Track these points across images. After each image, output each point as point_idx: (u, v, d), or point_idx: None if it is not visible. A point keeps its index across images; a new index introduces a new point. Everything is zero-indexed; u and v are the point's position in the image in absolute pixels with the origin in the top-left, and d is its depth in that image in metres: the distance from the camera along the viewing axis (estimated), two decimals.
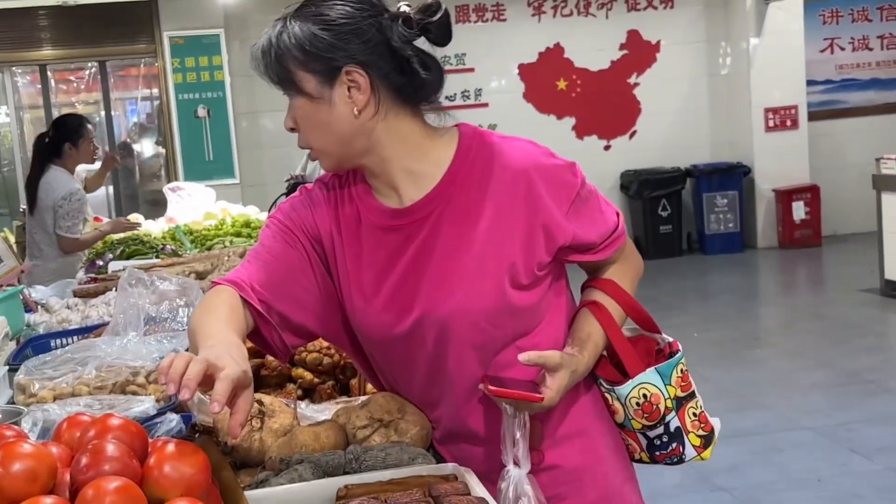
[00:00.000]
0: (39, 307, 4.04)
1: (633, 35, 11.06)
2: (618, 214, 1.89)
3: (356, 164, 1.81)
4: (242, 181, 9.62)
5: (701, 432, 1.85)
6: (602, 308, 1.86)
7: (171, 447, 1.32)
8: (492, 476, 1.65)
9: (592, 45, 11.10)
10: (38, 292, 4.35)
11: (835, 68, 11.65)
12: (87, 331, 3.17)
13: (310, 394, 2.31)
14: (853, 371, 6.81)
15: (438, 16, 1.62)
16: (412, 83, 1.70)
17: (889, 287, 8.50)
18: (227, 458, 1.68)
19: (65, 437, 1.43)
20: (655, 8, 11.06)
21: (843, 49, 11.59)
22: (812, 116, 11.32)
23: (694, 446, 1.84)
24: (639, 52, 11.22)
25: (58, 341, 3.06)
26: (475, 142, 1.81)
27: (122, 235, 5.99)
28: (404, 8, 1.70)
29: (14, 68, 9.64)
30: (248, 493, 1.56)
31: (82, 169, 6.75)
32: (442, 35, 1.68)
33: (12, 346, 3.21)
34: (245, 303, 1.74)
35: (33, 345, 3.10)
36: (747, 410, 5.53)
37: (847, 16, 11.43)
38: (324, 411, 2.14)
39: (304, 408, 2.18)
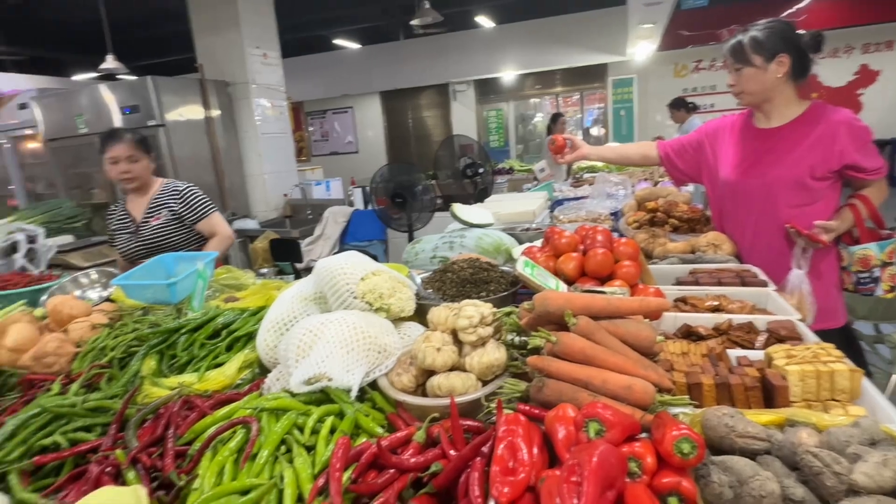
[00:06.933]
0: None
1: (863, 66, 10.25)
2: (884, 163, 1.69)
3: (759, 104, 1.76)
4: (639, 138, 10.51)
5: (891, 283, 1.69)
6: (855, 208, 1.71)
7: (623, 240, 1.48)
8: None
9: (836, 73, 10.27)
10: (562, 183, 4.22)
11: None
12: (578, 199, 3.12)
13: (678, 229, 2.15)
14: None
15: (822, 40, 1.64)
16: (803, 68, 1.68)
17: None
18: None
19: (579, 232, 1.56)
20: (880, 51, 10.13)
21: None
22: None
23: (883, 290, 1.70)
24: (865, 76, 10.30)
25: (568, 203, 2.93)
26: (818, 106, 1.72)
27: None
28: (812, 31, 1.67)
29: (545, 97, 11.53)
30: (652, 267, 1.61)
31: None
32: (817, 49, 1.66)
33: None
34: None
35: (559, 202, 3.08)
36: None
37: None
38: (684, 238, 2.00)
39: (674, 235, 2.07)
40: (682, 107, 6.44)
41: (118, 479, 0.88)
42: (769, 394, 0.90)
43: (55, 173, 5.35)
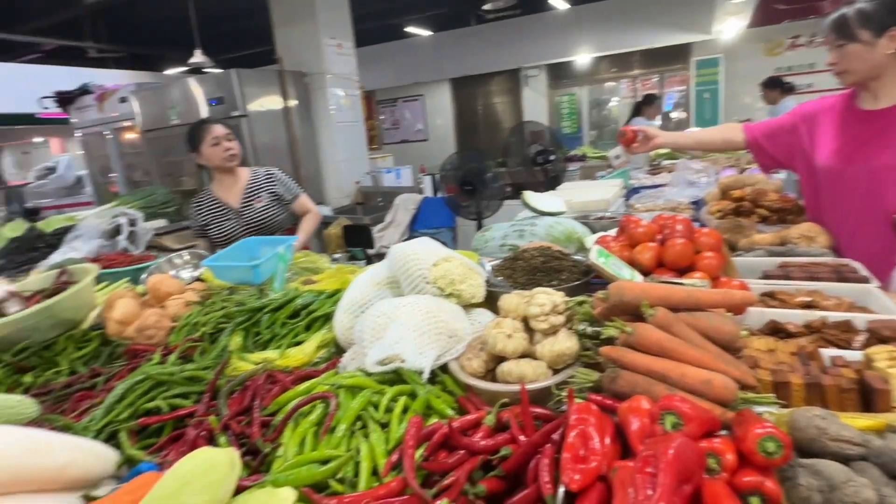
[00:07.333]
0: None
1: None
2: None
3: (865, 82, 1.63)
4: (724, 122, 10.96)
5: None
6: None
7: (705, 230, 1.40)
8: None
9: None
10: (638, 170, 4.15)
11: None
12: (656, 187, 3.10)
13: (766, 219, 2.05)
14: None
15: None
16: None
17: None
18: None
19: (657, 221, 1.48)
20: None
21: None
22: None
23: None
24: None
25: (645, 191, 2.96)
26: None
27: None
28: None
29: (621, 81, 11.00)
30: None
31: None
32: None
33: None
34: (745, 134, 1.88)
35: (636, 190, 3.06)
36: None
37: None
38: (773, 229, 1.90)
39: (763, 226, 1.95)
40: (777, 86, 6.00)
41: (211, 442, 0.96)
42: (868, 397, 0.85)
43: (150, 162, 5.80)
